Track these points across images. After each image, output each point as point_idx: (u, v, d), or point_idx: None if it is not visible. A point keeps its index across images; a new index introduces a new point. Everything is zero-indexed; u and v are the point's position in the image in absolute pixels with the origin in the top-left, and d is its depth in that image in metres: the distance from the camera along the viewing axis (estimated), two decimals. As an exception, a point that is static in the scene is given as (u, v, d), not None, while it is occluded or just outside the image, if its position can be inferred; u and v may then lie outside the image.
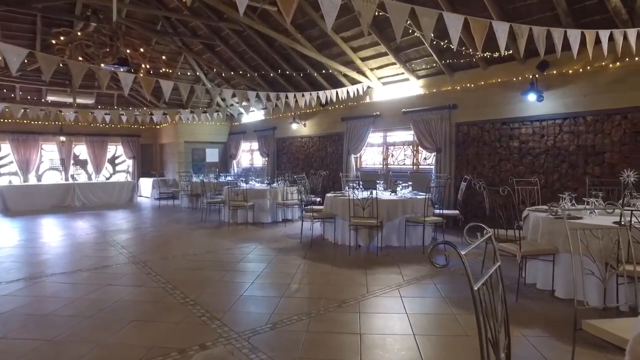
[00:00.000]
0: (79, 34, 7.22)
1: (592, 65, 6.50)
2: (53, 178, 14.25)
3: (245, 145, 15.67)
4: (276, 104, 9.02)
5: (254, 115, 14.79)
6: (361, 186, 7.01)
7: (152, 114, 8.92)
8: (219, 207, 10.02)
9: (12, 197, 11.34)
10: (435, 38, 6.68)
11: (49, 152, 14.54)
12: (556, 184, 6.87)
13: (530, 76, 6.97)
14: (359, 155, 10.86)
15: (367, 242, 6.55)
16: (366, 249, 6.42)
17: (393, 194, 7.02)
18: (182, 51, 12.36)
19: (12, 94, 12.22)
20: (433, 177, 8.55)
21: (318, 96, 8.91)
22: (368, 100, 10.45)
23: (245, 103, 8.57)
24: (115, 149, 16.07)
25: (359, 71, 9.72)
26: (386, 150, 10.39)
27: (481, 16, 6.64)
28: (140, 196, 15.13)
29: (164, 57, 8.35)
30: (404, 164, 9.97)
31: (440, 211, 6.88)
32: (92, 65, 4.47)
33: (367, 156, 11.02)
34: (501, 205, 4.19)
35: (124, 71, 5.30)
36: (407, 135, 9.73)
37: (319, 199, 9.04)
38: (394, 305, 3.93)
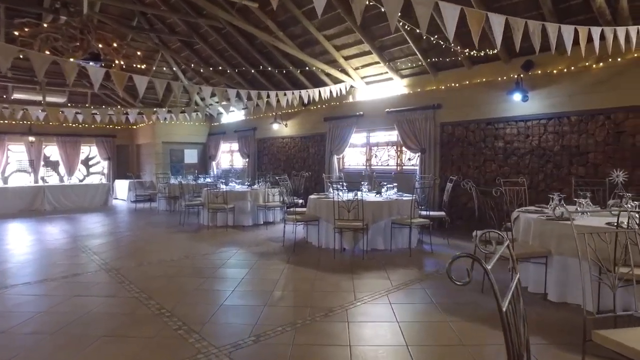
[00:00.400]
0: (45, 25, 6.79)
1: (576, 65, 6.49)
2: (21, 180, 13.57)
3: (225, 146, 15.32)
4: (257, 104, 8.75)
5: (234, 115, 14.46)
6: (345, 187, 6.82)
7: (126, 113, 8.51)
8: (197, 209, 9.68)
9: (-24, 200, 10.72)
10: (426, 33, 6.54)
11: (16, 153, 13.86)
12: (541, 185, 6.83)
13: (515, 76, 6.92)
14: (341, 156, 10.68)
15: (352, 245, 6.36)
16: (351, 253, 6.23)
17: (378, 195, 6.85)
18: (159, 48, 11.95)
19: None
20: (417, 178, 8.44)
21: (300, 96, 8.69)
22: (351, 100, 10.29)
23: (225, 102, 8.26)
24: (89, 149, 15.47)
25: (342, 70, 9.55)
26: (369, 150, 10.24)
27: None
28: (116, 199, 14.60)
29: (139, 53, 7.96)
30: (388, 165, 9.84)
31: (426, 212, 6.74)
32: (56, 57, 4.12)
33: (350, 157, 10.85)
34: (492, 207, 4.06)
35: (92, 65, 4.95)
36: (391, 136, 9.60)
37: (301, 201, 8.82)
38: (383, 313, 3.74)
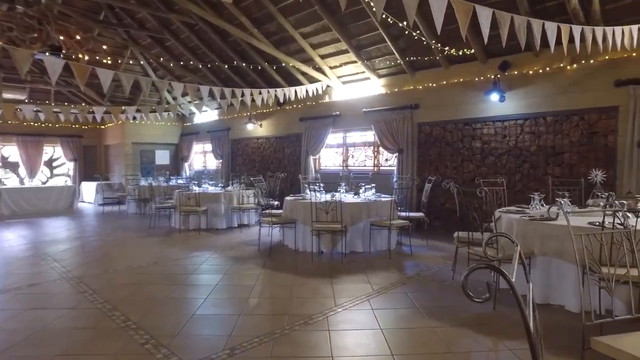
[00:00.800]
0: (-3, 14, 6.32)
1: (551, 66, 6.54)
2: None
3: (198, 147, 14.91)
4: (231, 103, 8.46)
5: (207, 115, 14.08)
6: (322, 189, 6.65)
7: (91, 111, 8.05)
8: (169, 212, 9.30)
9: None
10: (407, 27, 6.45)
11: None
12: (518, 185, 6.84)
13: (492, 76, 6.91)
14: (318, 156, 10.51)
15: (330, 248, 6.18)
16: (329, 256, 6.05)
17: (356, 196, 6.71)
18: (129, 44, 11.48)
19: None
20: (395, 179, 8.35)
21: (276, 95, 8.46)
22: (327, 99, 10.13)
23: (197, 101, 7.94)
24: (53, 150, 14.74)
25: (319, 69, 9.38)
26: (346, 151, 10.11)
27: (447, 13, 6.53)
28: (82, 202, 13.95)
29: (105, 47, 7.53)
30: (365, 166, 9.73)
31: (405, 214, 6.64)
32: (5, 45, 3.76)
33: (327, 157, 10.69)
34: (476, 208, 3.96)
35: (48, 55, 4.56)
36: (368, 136, 9.49)
37: (277, 203, 8.59)
38: (366, 320, 3.57)
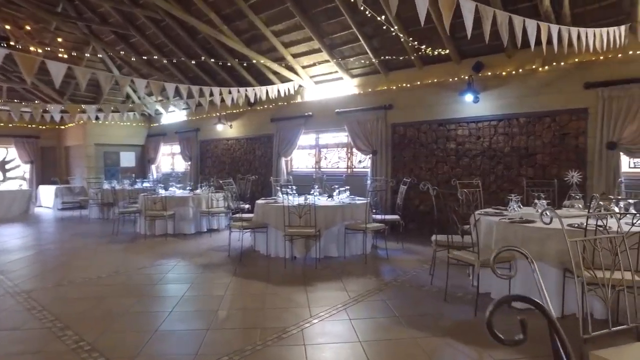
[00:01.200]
0: None
1: (524, 67, 6.56)
2: None
3: (165, 149, 14.36)
4: (199, 102, 8.09)
5: (175, 115, 13.58)
6: (295, 191, 6.42)
7: (46, 110, 7.47)
8: (134, 217, 8.83)
9: None
10: (387, 22, 6.33)
11: None
12: (492, 186, 6.82)
13: (466, 77, 6.88)
14: (290, 158, 10.26)
15: (303, 254, 5.95)
16: (303, 261, 5.82)
17: (330, 199, 6.51)
18: (90, 40, 10.87)
19: None
20: (369, 181, 8.22)
21: (246, 95, 8.16)
22: (299, 100, 9.90)
23: (163, 99, 7.54)
24: (6, 151, 13.83)
25: (290, 69, 9.14)
26: (319, 152, 9.91)
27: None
28: (40, 206, 13.14)
29: (60, 40, 7.01)
30: (338, 167, 9.55)
31: (381, 217, 6.49)
32: None
33: (299, 159, 10.46)
34: (456, 210, 3.83)
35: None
36: (341, 137, 9.32)
37: (247, 206, 8.29)
38: (343, 332, 3.35)
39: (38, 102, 10.46)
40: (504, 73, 6.71)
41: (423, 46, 6.77)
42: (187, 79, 11.12)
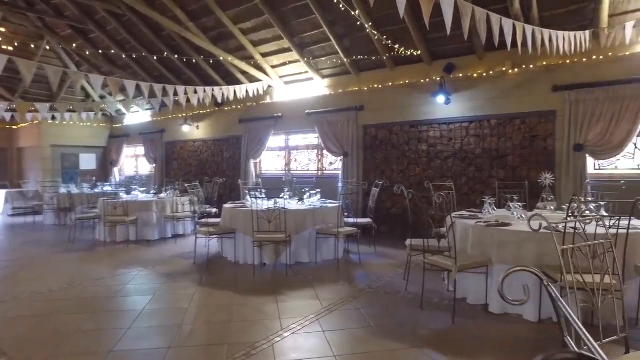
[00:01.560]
0: None
1: (494, 69, 6.58)
2: None
3: (129, 151, 13.76)
4: (164, 102, 7.69)
5: (139, 116, 13.02)
6: (264, 195, 6.18)
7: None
8: (93, 223, 8.31)
9: None
10: (359, 17, 6.17)
11: None
12: (464, 188, 6.80)
13: (438, 78, 6.84)
14: (259, 160, 9.99)
15: (273, 260, 5.71)
16: (273, 268, 5.58)
17: (300, 202, 6.31)
18: (44, 34, 10.22)
19: None
20: (340, 183, 8.06)
21: (213, 94, 7.84)
22: (269, 100, 9.65)
23: (123, 98, 7.12)
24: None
25: (259, 68, 8.88)
26: (289, 154, 9.69)
27: (392, 13, 6.33)
28: (-13, 213, 12.26)
29: (3, 30, 6.46)
30: (309, 170, 9.36)
31: (353, 220, 6.33)
32: None
33: (268, 161, 10.20)
34: (432, 214, 3.71)
35: None
36: (312, 139, 9.14)
37: (215, 210, 7.96)
38: (317, 345, 3.15)
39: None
40: (475, 75, 6.71)
41: (397, 45, 6.67)
42: (152, 78, 10.64)
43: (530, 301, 3.56)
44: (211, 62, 8.91)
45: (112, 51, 9.69)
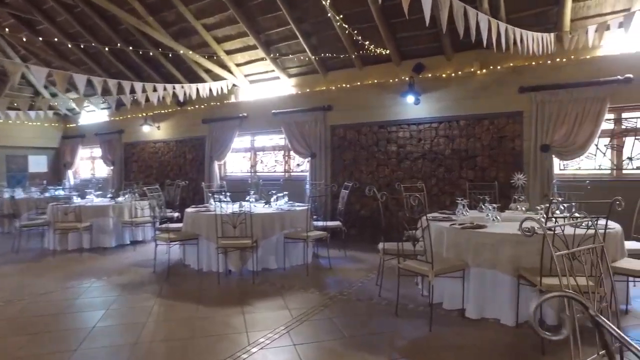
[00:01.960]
0: None
1: (462, 70, 6.56)
2: None
3: (84, 152, 12.99)
4: (121, 100, 7.19)
5: (95, 115, 12.30)
6: (229, 198, 5.87)
7: None
8: (42, 230, 7.68)
9: None
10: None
11: None
12: (434, 189, 6.73)
13: (407, 78, 6.75)
14: (223, 162, 9.62)
15: (239, 267, 5.40)
16: (239, 275, 5.28)
17: (267, 205, 6.04)
18: (-16, 25, 9.42)
19: None
20: (308, 185, 7.83)
21: (174, 93, 7.43)
22: (234, 100, 9.30)
23: (77, 96, 6.59)
24: None
25: (224, 66, 8.53)
26: (254, 156, 9.38)
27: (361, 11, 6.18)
28: None
29: None
30: (275, 171, 9.08)
31: (323, 223, 6.12)
32: None
33: (233, 163, 9.84)
34: (406, 216, 3.54)
35: None
36: (278, 139, 8.87)
37: (177, 215, 7.54)
38: (287, 362, 2.90)
39: None
40: (444, 75, 6.67)
41: (367, 42, 6.52)
42: (109, 75, 10.02)
43: (507, 305, 3.47)
44: (170, 55, 8.42)
45: (67, 46, 9.03)
